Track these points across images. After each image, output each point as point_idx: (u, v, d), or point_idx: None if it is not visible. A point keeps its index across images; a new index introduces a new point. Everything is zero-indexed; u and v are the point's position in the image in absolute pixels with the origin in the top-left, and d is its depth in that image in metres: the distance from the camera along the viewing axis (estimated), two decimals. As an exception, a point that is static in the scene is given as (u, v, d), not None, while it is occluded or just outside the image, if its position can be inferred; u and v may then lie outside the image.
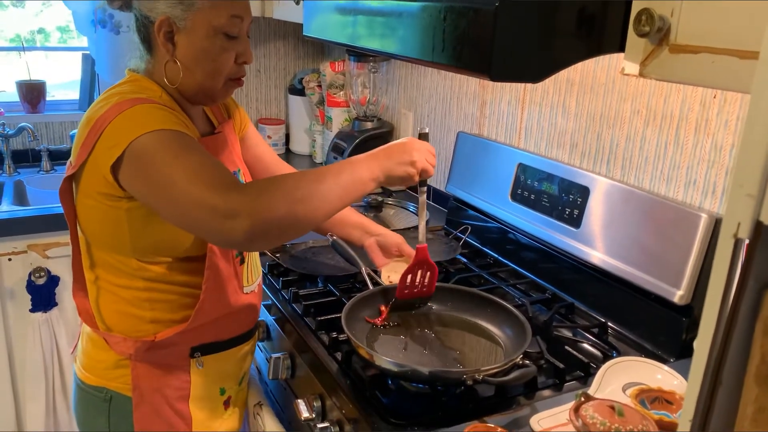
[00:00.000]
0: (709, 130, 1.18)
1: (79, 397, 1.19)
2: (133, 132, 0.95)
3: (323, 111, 2.39)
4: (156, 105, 1.01)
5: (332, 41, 1.26)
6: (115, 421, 1.14)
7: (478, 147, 1.70)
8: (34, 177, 2.27)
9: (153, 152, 0.95)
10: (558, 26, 0.89)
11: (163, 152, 0.95)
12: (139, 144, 0.95)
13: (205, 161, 0.96)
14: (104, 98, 1.04)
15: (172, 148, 0.95)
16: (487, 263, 1.60)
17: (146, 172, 0.95)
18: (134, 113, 0.98)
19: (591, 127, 1.43)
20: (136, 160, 0.95)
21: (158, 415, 1.14)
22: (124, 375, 1.12)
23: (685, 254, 1.16)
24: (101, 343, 1.13)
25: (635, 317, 1.26)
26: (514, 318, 1.18)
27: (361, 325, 1.18)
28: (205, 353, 1.16)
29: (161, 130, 0.96)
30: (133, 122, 0.97)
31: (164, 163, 0.94)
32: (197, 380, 1.16)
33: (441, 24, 0.92)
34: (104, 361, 1.13)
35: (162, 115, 0.99)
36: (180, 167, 0.93)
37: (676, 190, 1.25)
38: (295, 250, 1.58)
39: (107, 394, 1.14)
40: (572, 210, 1.39)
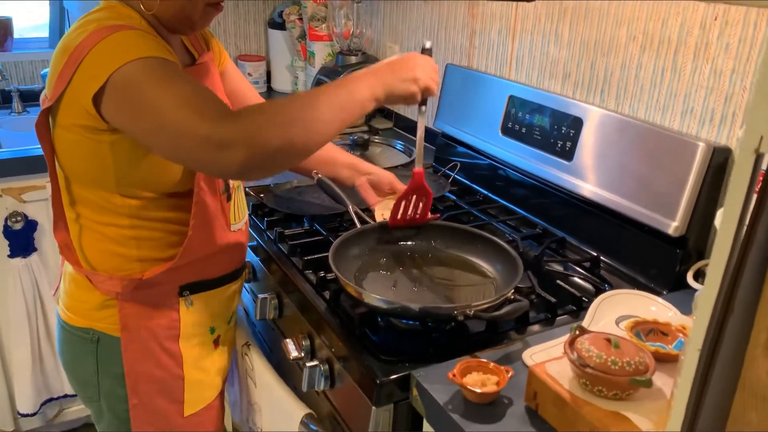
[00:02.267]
0: (708, 55, 1.13)
1: (65, 339, 1.16)
2: (115, 61, 0.90)
3: (305, 46, 2.30)
4: (138, 31, 0.95)
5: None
6: (104, 362, 1.12)
7: (468, 80, 1.64)
8: (6, 119, 2.18)
9: (138, 82, 0.89)
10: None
11: (148, 81, 0.89)
12: (123, 73, 0.89)
13: (194, 88, 0.90)
14: (80, 25, 0.97)
15: (158, 77, 0.89)
16: (477, 200, 1.56)
17: (132, 103, 0.90)
18: (115, 40, 0.92)
19: (584, 56, 1.38)
20: (121, 90, 0.90)
21: (148, 355, 1.11)
22: (111, 315, 1.09)
23: (681, 184, 1.13)
24: (85, 284, 1.09)
25: (628, 250, 1.24)
26: (504, 253, 1.15)
27: (348, 264, 1.15)
28: (194, 292, 1.13)
29: (145, 58, 0.90)
30: (114, 50, 0.91)
31: (151, 92, 0.89)
32: (187, 319, 1.13)
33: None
34: (89, 302, 1.10)
35: (145, 42, 0.93)
36: (168, 96, 0.88)
37: (672, 118, 1.21)
38: (280, 190, 1.53)
39: (94, 335, 1.11)
40: (565, 142, 1.35)
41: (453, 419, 0.84)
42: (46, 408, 2.03)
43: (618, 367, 0.76)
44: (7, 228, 1.80)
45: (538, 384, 0.83)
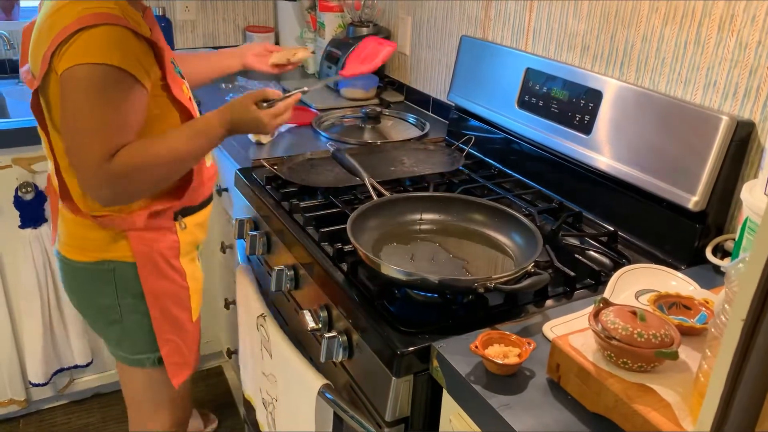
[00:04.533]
0: (734, 27, 1.11)
1: (78, 277, 1.32)
2: (86, 54, 1.05)
3: (315, 17, 2.27)
4: (115, 29, 1.07)
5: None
6: (123, 285, 1.29)
7: (484, 52, 1.62)
8: (14, 89, 2.16)
9: (85, 85, 1.06)
10: None
11: (91, 90, 1.06)
12: (83, 69, 1.05)
13: (115, 121, 1.09)
14: (60, 8, 1.08)
15: (101, 92, 1.07)
16: (491, 174, 1.55)
17: (70, 96, 1.07)
18: (93, 35, 1.05)
19: (604, 28, 1.35)
20: (66, 83, 1.06)
21: (161, 274, 1.30)
22: (123, 246, 1.26)
23: (702, 159, 1.12)
24: (92, 225, 1.25)
25: (646, 225, 1.23)
26: (523, 227, 1.14)
27: (366, 236, 1.15)
28: (184, 216, 1.33)
29: (106, 66, 1.05)
30: (89, 45, 1.05)
31: (86, 103, 1.07)
32: (183, 239, 1.33)
33: None
34: (100, 237, 1.26)
35: (121, 47, 1.07)
36: (93, 116, 1.07)
37: (694, 92, 1.20)
38: (293, 162, 1.52)
39: (110, 264, 1.28)
40: (583, 116, 1.33)
41: (475, 390, 0.84)
42: (57, 378, 2.05)
43: (644, 340, 0.76)
44: (18, 198, 1.80)
45: (561, 356, 0.83)
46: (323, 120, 1.90)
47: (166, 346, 1.35)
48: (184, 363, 1.39)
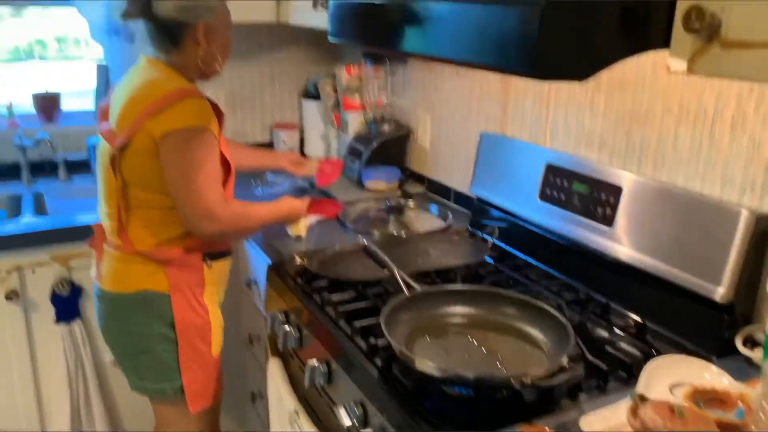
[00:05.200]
0: (746, 126, 1.17)
1: (114, 309, 1.52)
2: (186, 119, 1.37)
3: (339, 115, 2.38)
4: (200, 100, 1.41)
5: (362, 44, 1.25)
6: (156, 314, 1.48)
7: (504, 147, 1.69)
8: (53, 187, 2.26)
9: (191, 145, 1.37)
10: (604, 23, 0.88)
11: (197, 149, 1.38)
12: (187, 132, 1.37)
13: (216, 172, 1.43)
14: (152, 83, 1.41)
15: (204, 149, 1.39)
16: (517, 265, 1.58)
17: (183, 155, 1.37)
18: (188, 104, 1.39)
19: (620, 126, 1.42)
20: (180, 142, 1.37)
21: (189, 306, 1.50)
22: (160, 279, 1.47)
23: (725, 251, 1.15)
24: (137, 259, 1.48)
25: (673, 316, 1.25)
26: (553, 319, 1.17)
27: (399, 331, 1.17)
28: (212, 259, 1.55)
29: (203, 128, 1.39)
30: (186, 112, 1.38)
31: (200, 160, 1.39)
32: (208, 278, 1.54)
33: (485, 23, 0.92)
34: (140, 270, 1.48)
35: (207, 113, 1.41)
36: (202, 168, 1.39)
37: (712, 187, 1.24)
38: (323, 255, 1.57)
39: (147, 294, 1.48)
40: (605, 209, 1.38)
41: (517, 489, 0.84)
42: (82, 474, 2.03)
43: (684, 437, 0.77)
44: (55, 294, 1.85)
45: (602, 453, 0.83)
46: (349, 212, 1.96)
47: (187, 373, 1.52)
48: (203, 393, 1.56)
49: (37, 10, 2.60)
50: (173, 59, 1.47)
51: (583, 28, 0.86)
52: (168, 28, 1.43)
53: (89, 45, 2.64)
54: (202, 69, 1.50)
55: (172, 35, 1.44)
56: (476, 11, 0.93)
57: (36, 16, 2.68)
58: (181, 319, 1.50)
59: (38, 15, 2.67)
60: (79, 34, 2.66)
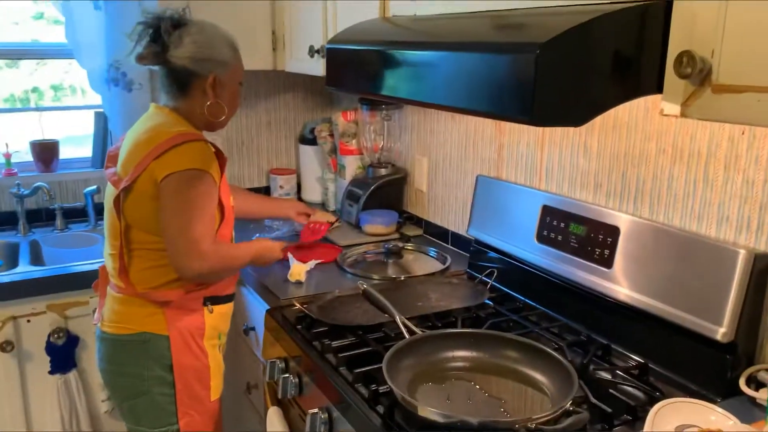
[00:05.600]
0: (739, 166, 1.19)
1: (115, 350, 1.52)
2: (186, 162, 1.40)
3: (335, 159, 2.41)
4: (202, 144, 1.45)
5: (359, 93, 1.27)
6: (155, 355, 1.48)
7: (500, 190, 1.71)
8: (49, 236, 2.26)
9: (189, 186, 1.40)
10: (597, 70, 0.90)
11: (196, 192, 1.41)
12: (187, 174, 1.40)
13: (210, 213, 1.45)
14: (156, 128, 1.46)
15: (202, 192, 1.42)
16: (517, 307, 1.58)
17: (178, 195, 1.40)
18: (190, 148, 1.43)
19: (615, 167, 1.44)
20: (179, 183, 1.40)
21: (188, 349, 1.51)
22: (159, 320, 1.48)
23: (725, 291, 1.15)
24: (138, 301, 1.48)
25: (675, 357, 1.24)
26: (556, 362, 1.16)
27: (401, 376, 1.16)
28: (213, 303, 1.55)
29: (203, 171, 1.42)
30: (188, 155, 1.42)
31: (195, 199, 1.41)
32: (209, 322, 1.54)
33: (480, 72, 0.94)
34: (139, 312, 1.48)
35: (208, 157, 1.45)
36: (197, 208, 1.41)
37: (708, 227, 1.25)
38: (322, 300, 1.56)
39: (145, 336, 1.48)
40: (603, 250, 1.39)
41: None
42: None
43: (695, 483, 0.76)
44: (50, 344, 1.83)
45: (611, 501, 0.82)
46: (347, 256, 1.96)
47: (184, 418, 1.51)
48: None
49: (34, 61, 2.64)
50: (180, 106, 1.52)
51: (578, 76, 0.88)
52: (179, 76, 1.49)
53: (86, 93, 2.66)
54: (208, 119, 1.53)
55: (181, 83, 1.50)
56: (472, 60, 0.95)
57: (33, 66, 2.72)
58: (179, 362, 1.49)
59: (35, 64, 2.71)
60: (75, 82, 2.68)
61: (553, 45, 0.86)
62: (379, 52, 1.19)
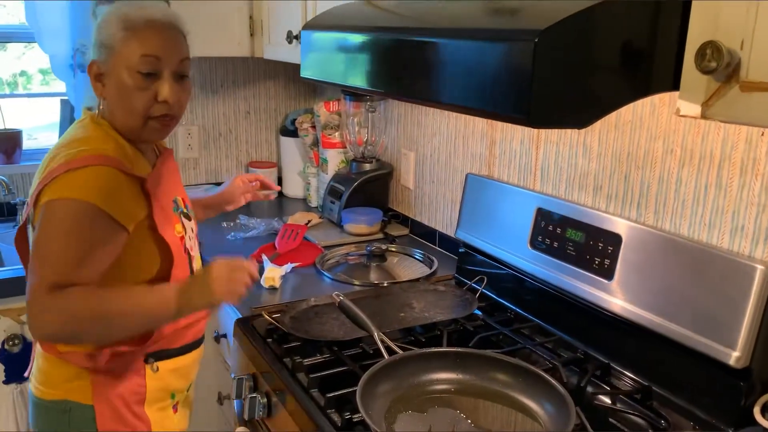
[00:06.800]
0: (757, 171, 1.06)
1: (39, 415, 1.23)
2: (65, 190, 1.07)
3: (318, 153, 2.27)
4: (103, 168, 1.09)
5: (336, 83, 1.14)
6: (77, 429, 1.19)
7: (491, 190, 1.58)
8: (10, 234, 2.11)
9: (57, 217, 1.06)
10: (604, 63, 0.77)
11: (62, 223, 1.06)
12: (59, 203, 1.06)
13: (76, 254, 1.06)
14: (67, 144, 1.14)
15: (70, 225, 1.06)
16: (508, 318, 1.46)
17: (42, 225, 1.07)
18: (77, 176, 1.08)
19: (617, 168, 1.32)
20: (47, 211, 1.06)
21: (119, 420, 1.20)
22: (83, 386, 1.18)
23: (739, 310, 1.03)
24: (57, 360, 1.18)
25: (682, 380, 1.13)
26: (551, 389, 1.04)
27: (377, 403, 1.04)
28: (159, 359, 1.23)
29: (81, 202, 1.06)
30: (69, 183, 1.07)
31: (55, 232, 1.06)
32: (152, 384, 1.23)
33: (469, 64, 0.80)
34: (62, 375, 1.19)
35: (99, 184, 1.08)
36: (56, 244, 1.05)
37: (720, 237, 1.13)
38: (296, 311, 1.43)
39: (67, 405, 1.18)
40: (603, 260, 1.26)
41: None
42: None
43: None
44: (4, 351, 1.70)
45: None
46: (327, 258, 1.83)
47: None
48: None
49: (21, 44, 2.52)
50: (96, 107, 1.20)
51: (582, 69, 0.75)
52: None
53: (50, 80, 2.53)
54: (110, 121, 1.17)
55: None
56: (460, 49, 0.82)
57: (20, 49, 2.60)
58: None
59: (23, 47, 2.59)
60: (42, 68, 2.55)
61: (554, 33, 0.73)
62: (356, 38, 1.05)
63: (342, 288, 1.59)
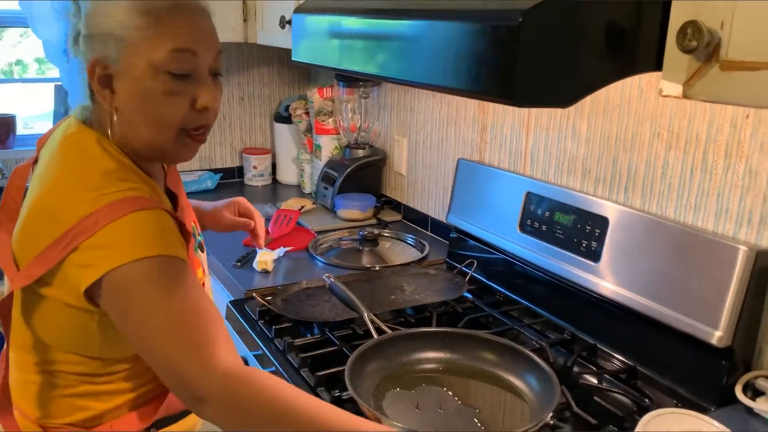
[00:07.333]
0: (742, 153, 1.08)
1: None
2: (117, 255, 0.81)
3: (311, 139, 2.28)
4: (151, 212, 0.86)
5: (326, 66, 1.15)
6: None
7: (482, 175, 1.59)
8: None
9: (134, 288, 0.82)
10: (588, 43, 0.78)
11: (145, 293, 0.83)
12: (121, 274, 0.81)
13: (189, 310, 0.84)
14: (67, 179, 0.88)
15: (156, 288, 0.83)
16: (497, 300, 1.48)
17: (125, 311, 0.84)
18: (122, 227, 0.82)
19: (605, 152, 1.33)
20: (115, 293, 0.83)
21: None
22: None
23: (723, 291, 1.05)
24: None
25: (666, 360, 1.14)
26: (537, 367, 1.06)
27: (366, 382, 1.06)
28: (160, 427, 1.03)
29: (150, 258, 0.82)
30: (118, 240, 0.82)
31: (146, 306, 0.83)
32: None
33: (455, 44, 0.81)
34: None
35: (154, 230, 0.85)
36: (162, 316, 0.83)
37: (705, 219, 1.15)
38: (288, 293, 1.45)
39: None
40: (590, 242, 1.28)
41: None
42: None
43: None
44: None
45: None
46: (320, 243, 1.85)
47: None
48: None
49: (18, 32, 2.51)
50: (92, 119, 0.93)
51: (566, 48, 0.77)
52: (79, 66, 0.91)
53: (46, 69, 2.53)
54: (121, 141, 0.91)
55: (82, 77, 0.90)
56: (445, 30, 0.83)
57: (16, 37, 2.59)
58: None
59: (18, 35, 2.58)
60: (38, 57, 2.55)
61: (538, 12, 0.74)
62: (345, 21, 1.06)
63: (334, 272, 1.60)
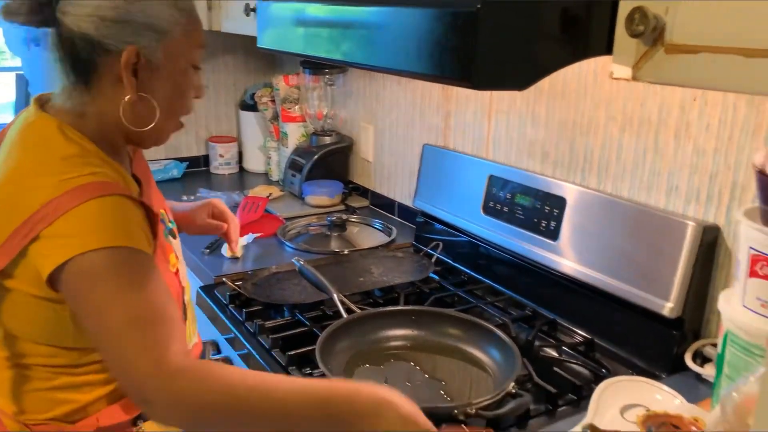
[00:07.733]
0: (689, 134, 1.14)
1: None
2: (81, 242, 0.80)
3: (278, 127, 2.29)
4: (113, 199, 0.84)
5: (291, 53, 1.17)
6: None
7: (446, 160, 1.63)
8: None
9: (92, 281, 0.81)
10: (543, 29, 0.82)
11: (102, 286, 0.82)
12: (79, 264, 0.80)
13: (149, 305, 0.83)
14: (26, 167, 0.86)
15: (113, 281, 0.82)
16: (462, 280, 1.52)
17: (81, 303, 0.83)
18: (87, 213, 0.81)
19: (563, 136, 1.38)
20: (73, 284, 0.82)
21: None
22: None
23: (673, 264, 1.11)
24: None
25: (622, 332, 1.21)
26: (499, 341, 1.11)
27: (336, 359, 1.09)
28: (147, 419, 1.01)
29: (108, 249, 0.81)
30: (83, 227, 0.81)
31: (102, 300, 0.82)
32: None
33: (416, 30, 0.85)
34: None
35: (116, 219, 0.84)
36: (116, 312, 0.81)
37: (657, 197, 1.21)
38: (258, 278, 1.47)
39: None
40: (549, 222, 1.33)
41: None
42: None
43: (639, 473, 0.71)
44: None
45: (553, 492, 0.77)
46: (288, 229, 1.87)
47: None
48: None
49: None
50: (80, 106, 0.90)
51: (521, 34, 0.80)
52: (78, 51, 0.87)
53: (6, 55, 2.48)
54: (129, 129, 0.92)
55: (82, 64, 0.88)
56: (406, 15, 0.86)
57: None
58: None
59: None
60: None
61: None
62: (308, 8, 1.08)
63: (303, 257, 1.63)
